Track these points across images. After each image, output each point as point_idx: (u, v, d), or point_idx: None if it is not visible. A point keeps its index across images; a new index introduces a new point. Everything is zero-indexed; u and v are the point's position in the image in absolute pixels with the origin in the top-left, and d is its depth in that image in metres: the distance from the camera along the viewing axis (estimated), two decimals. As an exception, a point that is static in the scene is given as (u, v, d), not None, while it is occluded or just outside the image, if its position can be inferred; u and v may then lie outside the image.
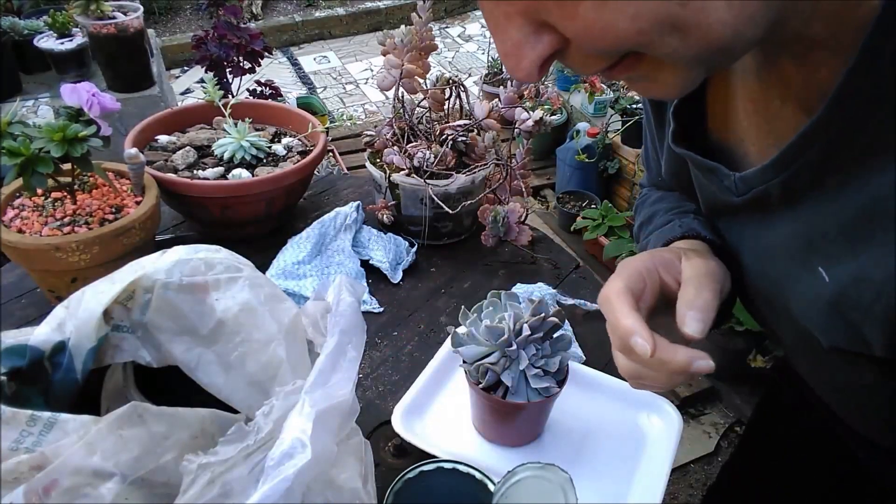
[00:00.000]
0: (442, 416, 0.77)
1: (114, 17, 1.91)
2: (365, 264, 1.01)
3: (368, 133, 1.08)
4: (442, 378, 0.80)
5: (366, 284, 0.99)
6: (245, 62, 2.27)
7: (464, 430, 0.76)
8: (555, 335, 0.69)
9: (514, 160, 1.05)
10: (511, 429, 0.73)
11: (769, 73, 0.47)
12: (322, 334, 0.59)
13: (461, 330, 0.71)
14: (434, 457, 0.63)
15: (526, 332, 0.66)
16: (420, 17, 0.99)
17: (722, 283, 0.53)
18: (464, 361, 0.70)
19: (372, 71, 4.19)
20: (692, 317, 0.49)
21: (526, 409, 0.69)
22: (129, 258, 0.60)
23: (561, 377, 0.69)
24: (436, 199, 0.97)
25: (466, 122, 1.02)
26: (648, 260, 0.54)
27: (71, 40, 2.13)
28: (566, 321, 0.84)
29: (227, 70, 2.24)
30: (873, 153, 0.40)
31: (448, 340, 0.81)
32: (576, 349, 0.88)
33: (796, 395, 0.75)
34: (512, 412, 0.70)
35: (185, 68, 4.01)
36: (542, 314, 0.68)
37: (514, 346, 0.66)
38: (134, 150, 0.89)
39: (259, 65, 2.34)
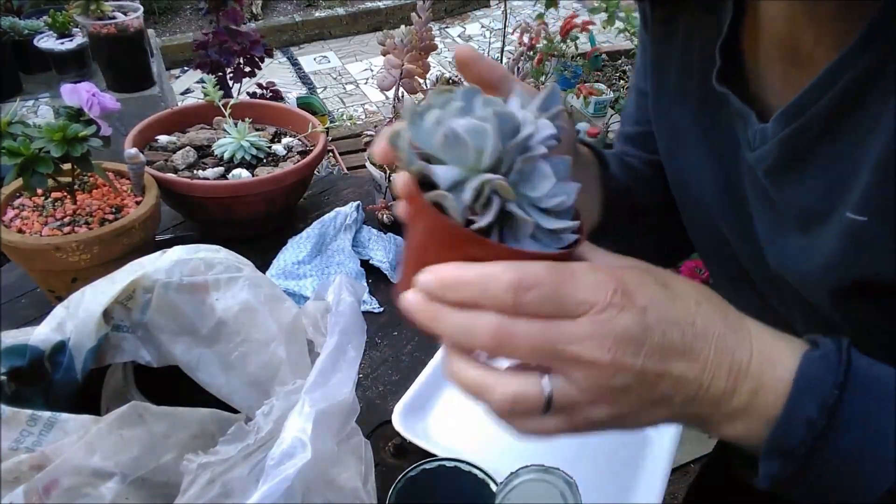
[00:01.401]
0: (442, 416, 0.77)
1: (114, 17, 1.91)
2: (365, 264, 1.01)
3: (368, 133, 1.08)
4: (442, 377, 0.80)
5: (366, 284, 0.99)
6: (245, 66, 2.27)
7: (464, 430, 0.76)
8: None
9: (514, 160, 1.05)
10: None
11: (805, 8, 0.45)
12: (322, 334, 0.59)
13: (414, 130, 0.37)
14: (435, 456, 0.63)
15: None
16: (420, 17, 0.99)
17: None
18: (431, 188, 0.36)
19: (372, 71, 4.19)
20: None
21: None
22: (129, 258, 0.60)
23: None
24: (436, 199, 0.97)
25: (466, 122, 1.02)
26: None
27: (71, 40, 2.13)
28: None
29: (228, 76, 2.23)
30: None
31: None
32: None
33: None
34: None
35: (185, 68, 4.01)
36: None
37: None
38: (134, 150, 0.89)
39: (259, 69, 2.34)
